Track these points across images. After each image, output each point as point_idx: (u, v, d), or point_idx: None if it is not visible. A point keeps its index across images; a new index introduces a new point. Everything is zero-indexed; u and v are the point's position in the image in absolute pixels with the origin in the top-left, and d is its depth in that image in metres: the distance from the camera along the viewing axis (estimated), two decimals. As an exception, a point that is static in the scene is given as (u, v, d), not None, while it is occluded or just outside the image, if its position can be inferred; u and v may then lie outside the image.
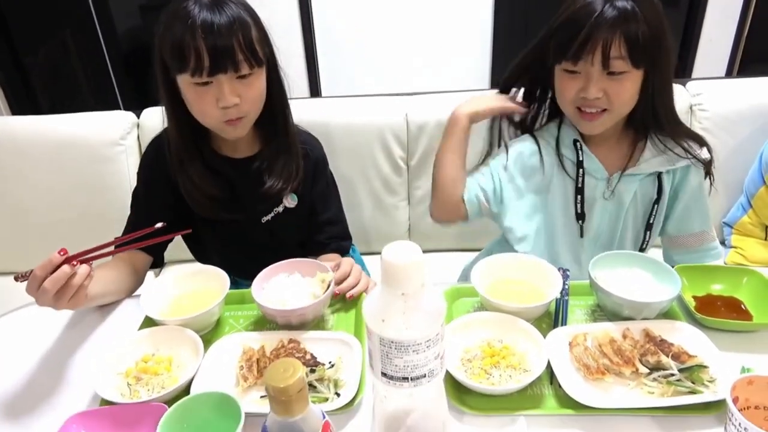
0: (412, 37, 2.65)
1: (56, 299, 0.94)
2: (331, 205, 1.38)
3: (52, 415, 0.84)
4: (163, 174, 1.23)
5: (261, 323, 1.06)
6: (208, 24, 1.05)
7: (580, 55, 1.10)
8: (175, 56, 1.08)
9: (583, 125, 1.20)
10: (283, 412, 0.62)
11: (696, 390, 0.85)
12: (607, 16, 1.06)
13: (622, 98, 1.13)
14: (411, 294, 0.63)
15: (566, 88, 1.16)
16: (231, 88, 1.10)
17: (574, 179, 1.25)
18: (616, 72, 1.09)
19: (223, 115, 1.13)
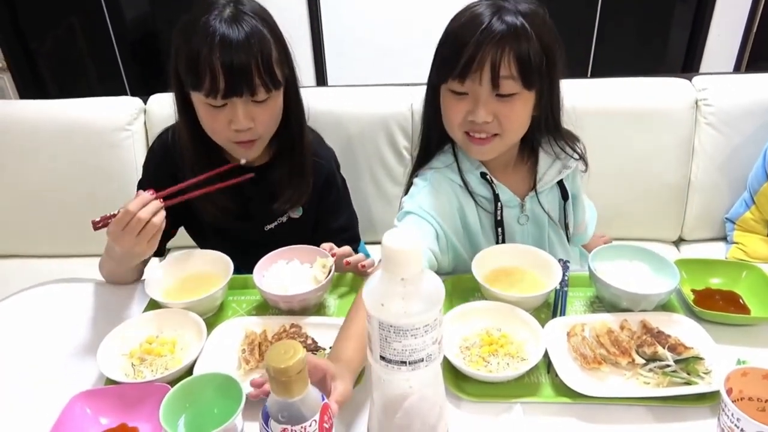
0: (419, 27, 2.65)
1: (139, 239, 0.98)
2: (341, 213, 1.35)
3: (58, 393, 0.86)
4: (169, 173, 1.20)
5: (263, 308, 1.08)
6: (227, 45, 1.01)
7: (467, 73, 1.00)
8: (190, 73, 1.05)
9: (473, 150, 1.10)
10: (282, 392, 0.63)
11: (691, 381, 0.86)
12: (495, 30, 0.97)
13: (513, 122, 1.05)
14: (410, 279, 0.64)
15: (453, 111, 1.06)
16: (245, 111, 1.07)
17: (492, 213, 1.17)
18: (505, 93, 1.01)
19: (235, 137, 1.10)
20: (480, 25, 0.98)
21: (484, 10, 1.00)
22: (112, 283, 1.18)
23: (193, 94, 1.08)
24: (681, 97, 1.71)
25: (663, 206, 1.79)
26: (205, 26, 1.02)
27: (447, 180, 1.16)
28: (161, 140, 1.26)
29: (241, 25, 1.03)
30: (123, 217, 0.97)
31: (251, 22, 1.04)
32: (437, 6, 2.60)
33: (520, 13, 0.99)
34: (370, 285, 0.68)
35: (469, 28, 1.00)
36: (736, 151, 1.71)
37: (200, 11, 1.05)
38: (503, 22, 0.98)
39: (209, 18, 1.03)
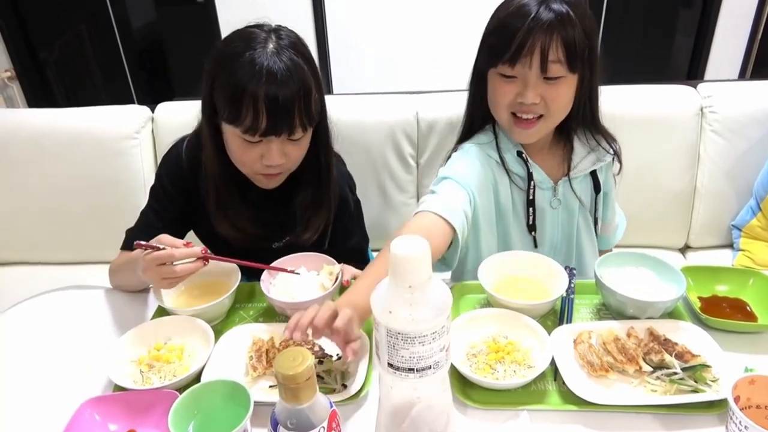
0: (424, 36, 2.67)
1: (162, 281, 0.99)
2: (353, 234, 1.33)
3: (67, 399, 0.87)
4: (183, 188, 1.21)
5: (270, 315, 1.08)
6: (272, 87, 0.99)
7: (518, 58, 1.07)
8: (228, 108, 1.03)
9: (517, 133, 1.17)
10: (291, 399, 0.63)
11: (698, 389, 0.86)
12: (543, 17, 1.04)
13: (558, 103, 1.11)
14: (418, 286, 0.64)
15: (502, 93, 1.13)
16: (279, 148, 1.06)
17: (525, 191, 1.22)
18: (553, 77, 1.08)
19: (263, 170, 1.10)
20: (529, 14, 1.05)
21: (530, 1, 1.07)
22: (120, 289, 1.19)
23: (227, 126, 1.06)
24: (686, 104, 1.71)
25: (669, 213, 1.79)
26: (250, 63, 1.00)
27: (485, 155, 1.22)
28: (177, 151, 1.23)
29: (285, 64, 1.01)
30: (164, 258, 0.96)
31: (295, 60, 1.02)
32: (442, 15, 2.62)
33: (564, 1, 1.06)
34: (377, 292, 0.69)
35: (518, 16, 1.06)
36: (742, 158, 1.71)
37: (241, 41, 1.03)
38: (551, 10, 1.05)
39: (254, 54, 1.00)
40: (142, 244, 0.98)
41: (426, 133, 1.74)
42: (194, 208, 1.21)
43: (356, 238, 1.35)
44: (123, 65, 3.04)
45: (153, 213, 1.23)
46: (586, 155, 1.23)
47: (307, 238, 1.20)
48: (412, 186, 1.81)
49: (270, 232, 1.22)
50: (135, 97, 3.12)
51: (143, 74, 3.11)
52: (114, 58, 3.02)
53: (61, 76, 3.12)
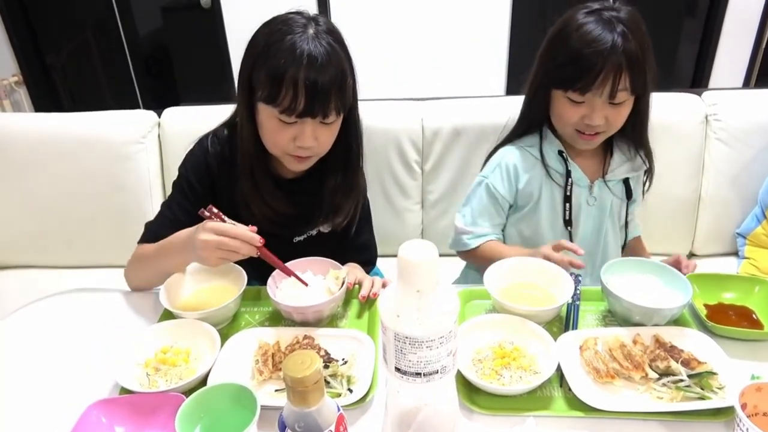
0: (429, 43, 2.68)
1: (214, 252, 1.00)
2: (363, 231, 1.35)
3: (74, 402, 0.87)
4: (208, 183, 1.22)
5: (276, 319, 1.08)
6: (312, 69, 1.02)
7: (589, 89, 1.15)
8: (268, 89, 1.05)
9: (581, 143, 1.27)
10: (299, 402, 0.64)
11: (705, 396, 0.86)
12: (614, 49, 1.12)
13: (618, 122, 1.22)
14: (426, 291, 0.65)
15: (569, 115, 1.22)
16: (313, 130, 1.08)
17: (562, 187, 1.31)
18: (618, 102, 1.17)
19: (294, 151, 1.11)
20: (600, 48, 1.12)
21: (600, 32, 1.13)
22: (136, 285, 1.19)
23: (264, 106, 1.08)
24: (691, 113, 1.71)
25: (674, 221, 1.79)
26: (292, 45, 1.03)
27: (527, 153, 1.33)
28: (202, 147, 1.24)
29: (325, 49, 1.04)
30: (227, 232, 0.99)
31: (333, 45, 1.06)
32: (448, 23, 2.63)
33: (624, 24, 1.13)
34: (385, 297, 0.69)
35: (591, 49, 1.13)
36: (747, 166, 1.71)
37: (283, 25, 1.06)
38: (619, 36, 1.12)
39: (295, 38, 1.03)
40: (208, 214, 1.01)
41: (431, 140, 1.75)
42: (218, 202, 1.20)
43: (365, 235, 1.37)
44: (129, 70, 3.05)
45: (177, 205, 1.23)
46: (623, 163, 1.33)
47: (338, 222, 1.23)
48: (417, 192, 1.82)
49: (300, 217, 1.24)
50: (141, 102, 3.14)
51: (149, 79, 3.13)
52: (120, 64, 3.03)
53: (67, 81, 3.14)
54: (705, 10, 2.74)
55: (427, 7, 2.61)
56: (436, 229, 1.86)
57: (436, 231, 1.86)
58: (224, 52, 2.71)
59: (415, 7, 2.61)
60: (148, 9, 2.98)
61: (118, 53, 3.01)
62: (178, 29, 3.02)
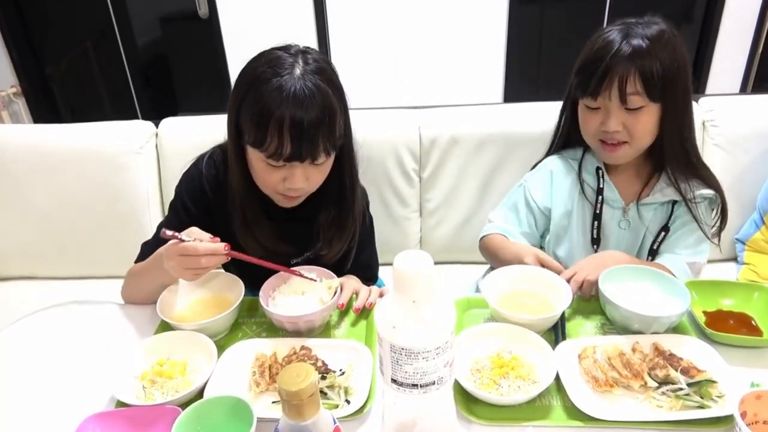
0: (426, 51, 2.68)
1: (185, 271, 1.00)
2: (364, 248, 1.33)
3: (69, 415, 0.86)
4: (204, 202, 1.20)
5: (273, 330, 1.08)
6: (298, 115, 0.99)
7: (599, 91, 1.16)
8: (254, 133, 1.03)
9: (606, 156, 1.25)
10: (295, 415, 0.63)
11: (704, 405, 0.85)
12: (622, 53, 1.13)
13: (640, 131, 1.18)
14: (421, 302, 0.65)
15: (588, 123, 1.23)
16: (303, 172, 1.07)
17: (592, 205, 1.30)
18: (633, 107, 1.15)
19: (285, 191, 1.10)
20: (609, 51, 1.14)
21: (615, 36, 1.15)
22: (132, 300, 1.19)
23: (252, 149, 1.06)
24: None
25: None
26: (278, 89, 1.00)
27: (567, 163, 1.34)
28: (197, 169, 1.22)
29: (311, 90, 1.01)
30: (188, 251, 0.98)
31: (321, 86, 1.02)
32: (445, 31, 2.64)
33: (646, 37, 1.14)
34: (381, 307, 0.69)
35: (600, 53, 1.15)
36: (745, 171, 1.71)
37: (268, 66, 1.03)
38: (630, 45, 1.13)
39: (281, 81, 1.00)
40: (169, 234, 0.99)
41: (428, 148, 1.75)
42: (214, 224, 1.19)
43: (367, 253, 1.35)
44: (128, 81, 3.06)
45: (171, 227, 1.22)
46: (666, 186, 1.26)
47: (330, 257, 1.20)
48: (415, 200, 1.82)
49: (292, 248, 1.22)
50: (139, 113, 3.14)
51: (148, 90, 3.14)
52: (119, 74, 3.04)
53: (66, 92, 3.14)
54: (701, 16, 2.75)
55: (424, 16, 2.61)
56: (434, 238, 1.86)
57: (435, 239, 1.86)
58: (222, 61, 2.71)
59: (412, 16, 2.61)
60: (147, 20, 2.99)
61: (117, 64, 3.01)
62: (176, 40, 3.03)
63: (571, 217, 1.32)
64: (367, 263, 1.35)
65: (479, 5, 2.58)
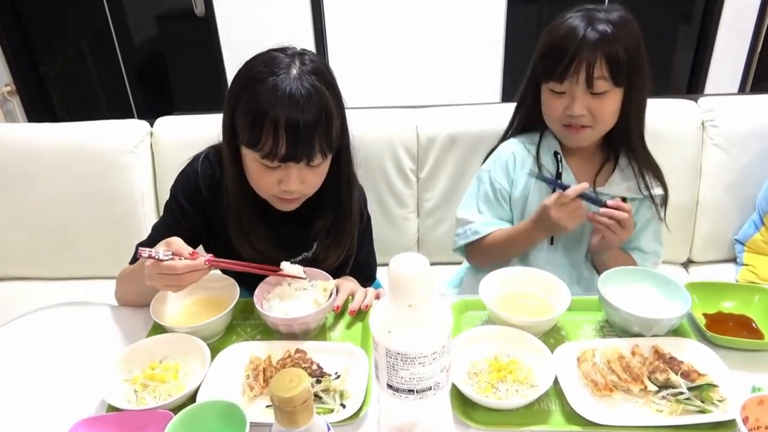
0: (424, 51, 2.67)
1: (167, 287, 0.99)
2: (362, 249, 1.31)
3: (60, 419, 0.85)
4: (200, 202, 1.19)
5: (268, 333, 1.06)
6: (294, 114, 0.98)
7: (566, 76, 1.17)
8: (248, 133, 1.02)
9: (569, 139, 1.27)
10: (287, 422, 0.61)
11: (705, 409, 0.84)
12: (589, 39, 1.14)
13: (604, 115, 1.21)
14: (418, 306, 0.63)
15: (553, 107, 1.24)
16: (298, 174, 1.05)
17: (550, 189, 1.29)
18: (598, 91, 1.17)
19: (280, 194, 1.08)
20: (576, 36, 1.15)
21: (579, 22, 1.17)
22: (126, 303, 1.17)
23: (247, 150, 1.05)
24: (687, 118, 1.70)
25: (671, 227, 1.76)
26: (273, 89, 0.99)
27: (524, 148, 1.35)
28: (193, 168, 1.20)
29: (307, 90, 1.00)
30: (167, 270, 0.95)
31: (317, 86, 1.01)
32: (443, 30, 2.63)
33: (610, 22, 1.16)
34: (377, 311, 0.67)
35: (567, 38, 1.17)
36: (744, 171, 1.70)
37: (264, 66, 1.02)
38: (596, 30, 1.15)
39: (277, 80, 0.99)
40: (145, 255, 0.96)
41: (426, 148, 1.73)
42: (209, 224, 1.20)
43: (365, 251, 1.33)
44: (123, 80, 3.04)
45: (167, 228, 1.20)
46: (623, 181, 1.30)
47: (328, 264, 1.18)
48: (412, 200, 1.80)
49: (288, 253, 1.19)
50: (135, 112, 3.13)
51: (144, 89, 3.12)
52: (114, 73, 3.02)
53: (61, 91, 3.13)
54: (700, 17, 2.75)
55: (422, 15, 2.60)
56: (432, 238, 1.84)
57: (433, 239, 1.84)
58: (218, 60, 2.70)
59: (410, 15, 2.60)
60: (143, 18, 2.97)
61: (113, 62, 3.00)
62: (173, 38, 3.02)
63: (527, 201, 1.33)
64: (365, 262, 1.34)
65: (478, 5, 2.57)
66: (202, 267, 0.97)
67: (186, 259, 0.96)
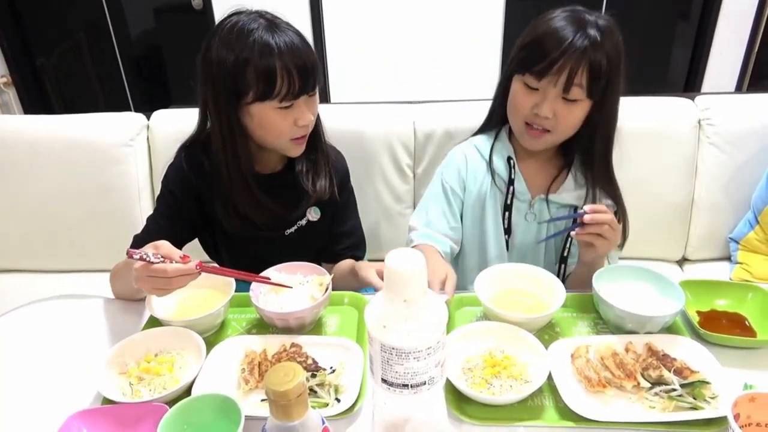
0: (422, 46, 2.67)
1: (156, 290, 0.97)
2: (349, 218, 1.39)
3: (55, 412, 0.85)
4: (192, 190, 1.22)
5: (264, 327, 1.07)
6: (294, 48, 1.09)
7: (546, 74, 1.13)
8: (262, 86, 1.08)
9: (527, 140, 1.24)
10: (282, 416, 0.62)
11: (697, 406, 0.84)
12: (579, 44, 1.10)
13: (568, 123, 1.18)
14: (413, 301, 0.63)
15: (522, 101, 1.20)
16: (308, 106, 1.15)
17: (503, 194, 1.29)
18: (572, 98, 1.14)
19: (297, 133, 1.16)
20: (566, 39, 1.11)
21: (568, 24, 1.13)
22: (121, 297, 1.17)
23: (259, 105, 1.11)
24: (684, 117, 1.71)
25: (666, 226, 1.78)
26: (261, 41, 1.08)
27: (477, 153, 1.33)
28: (183, 156, 1.25)
29: (295, 33, 1.12)
30: (157, 272, 0.94)
31: (297, 32, 1.13)
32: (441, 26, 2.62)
33: (599, 28, 1.12)
34: (372, 306, 0.68)
35: (555, 38, 1.12)
36: (740, 170, 1.71)
37: (240, 34, 1.09)
38: (586, 36, 1.10)
39: (255, 32, 1.08)
40: (135, 257, 0.95)
41: (423, 143, 1.73)
42: (203, 212, 1.25)
43: (353, 221, 1.40)
44: (120, 72, 3.03)
45: (162, 218, 1.23)
46: (573, 190, 1.27)
47: (319, 196, 1.26)
48: (409, 196, 1.80)
49: (281, 218, 1.26)
50: (132, 105, 3.11)
51: (140, 81, 3.11)
52: (111, 65, 3.01)
53: (57, 83, 3.11)
54: (698, 15, 2.75)
55: (421, 11, 2.60)
56: (428, 234, 1.84)
57: (429, 235, 1.84)
58: (216, 54, 2.69)
59: (409, 11, 2.60)
60: (140, 11, 2.95)
61: (109, 55, 2.98)
62: (170, 31, 3.00)
63: (485, 206, 1.31)
64: (353, 229, 1.40)
65: (476, 1, 2.57)
66: (192, 271, 0.96)
67: (177, 263, 0.95)
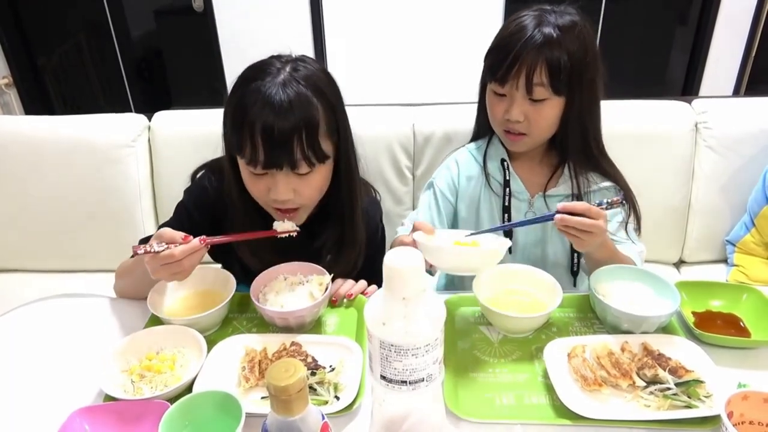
0: (421, 48, 2.68)
1: (172, 276, 0.98)
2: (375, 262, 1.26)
3: (57, 409, 0.86)
4: (209, 213, 1.18)
5: (264, 326, 1.08)
6: (269, 125, 0.97)
7: (507, 78, 1.14)
8: (234, 137, 1.02)
9: (509, 144, 1.26)
10: (283, 410, 0.63)
11: (692, 404, 0.85)
12: (534, 41, 1.10)
13: (540, 124, 1.18)
14: (412, 298, 0.65)
15: (494, 110, 1.21)
16: (286, 183, 1.03)
17: (500, 197, 1.29)
18: (537, 99, 1.14)
19: (273, 203, 1.07)
20: (522, 38, 1.11)
21: (528, 22, 1.13)
22: (125, 295, 1.18)
23: (237, 157, 1.05)
24: (681, 120, 1.72)
25: (663, 228, 1.80)
26: (255, 92, 0.98)
27: (471, 157, 1.33)
28: (202, 183, 1.21)
29: (289, 96, 0.98)
30: (167, 258, 0.95)
31: (301, 92, 0.99)
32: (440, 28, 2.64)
33: (558, 26, 1.11)
34: (371, 304, 0.69)
35: (512, 39, 1.12)
36: (737, 173, 1.72)
37: (255, 70, 1.03)
38: (541, 33, 1.10)
39: (261, 84, 0.99)
40: (140, 252, 0.97)
41: (422, 145, 1.75)
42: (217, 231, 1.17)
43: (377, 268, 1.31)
44: (121, 74, 3.05)
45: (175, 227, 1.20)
46: (568, 180, 1.26)
47: (343, 265, 1.17)
48: (408, 198, 1.82)
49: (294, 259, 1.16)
50: (133, 106, 3.13)
51: (141, 83, 3.12)
52: (112, 67, 3.02)
53: (58, 84, 3.12)
54: (696, 19, 2.77)
55: (420, 13, 2.61)
56: (427, 235, 1.85)
57: (427, 237, 1.85)
58: (217, 55, 2.70)
59: (408, 13, 2.61)
60: (141, 12, 2.97)
61: (110, 56, 3.00)
62: (171, 33, 3.02)
63: (479, 210, 1.31)
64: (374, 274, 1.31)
65: (476, 3, 2.58)
66: (198, 247, 0.97)
67: (180, 244, 0.97)
